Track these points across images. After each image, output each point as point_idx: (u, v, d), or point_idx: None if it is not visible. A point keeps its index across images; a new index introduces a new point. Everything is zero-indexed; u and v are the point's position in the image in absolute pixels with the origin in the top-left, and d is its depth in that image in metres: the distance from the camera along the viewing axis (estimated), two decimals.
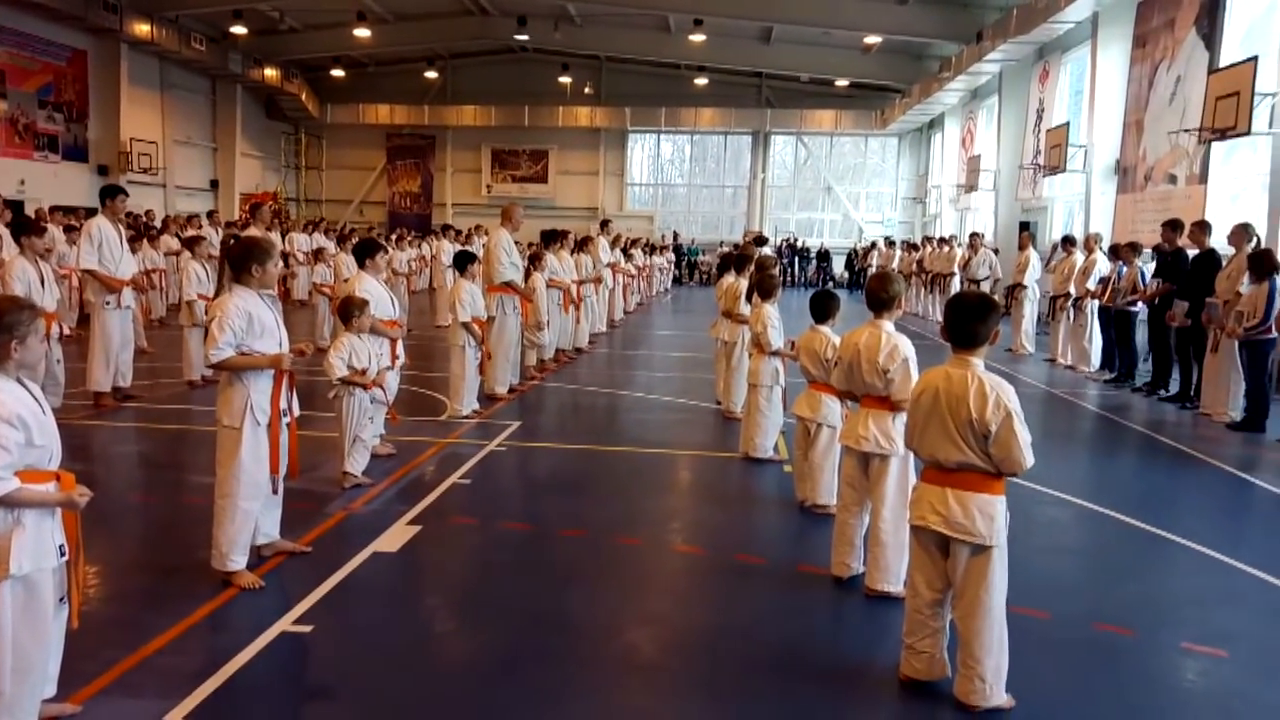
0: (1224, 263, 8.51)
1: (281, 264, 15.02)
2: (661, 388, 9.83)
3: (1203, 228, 8.99)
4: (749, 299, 7.02)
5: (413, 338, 13.00)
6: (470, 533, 4.95)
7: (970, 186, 22.33)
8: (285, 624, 3.65)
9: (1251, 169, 12.00)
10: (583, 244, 13.14)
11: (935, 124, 27.91)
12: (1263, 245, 8.64)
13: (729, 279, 8.27)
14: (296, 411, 4.26)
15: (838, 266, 30.08)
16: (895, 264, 21.60)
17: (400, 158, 32.98)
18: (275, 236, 15.89)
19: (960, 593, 3.17)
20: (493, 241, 8.84)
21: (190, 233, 13.90)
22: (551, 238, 10.73)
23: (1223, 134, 10.83)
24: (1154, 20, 14.39)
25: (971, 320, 3.19)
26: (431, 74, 30.81)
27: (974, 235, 15.60)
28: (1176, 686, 3.46)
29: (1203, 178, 12.60)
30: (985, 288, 14.36)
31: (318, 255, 13.81)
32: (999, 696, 3.14)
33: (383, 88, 31.42)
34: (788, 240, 30.70)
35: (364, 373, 5.52)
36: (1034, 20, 16.46)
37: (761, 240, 25.29)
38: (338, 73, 29.65)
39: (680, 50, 27.11)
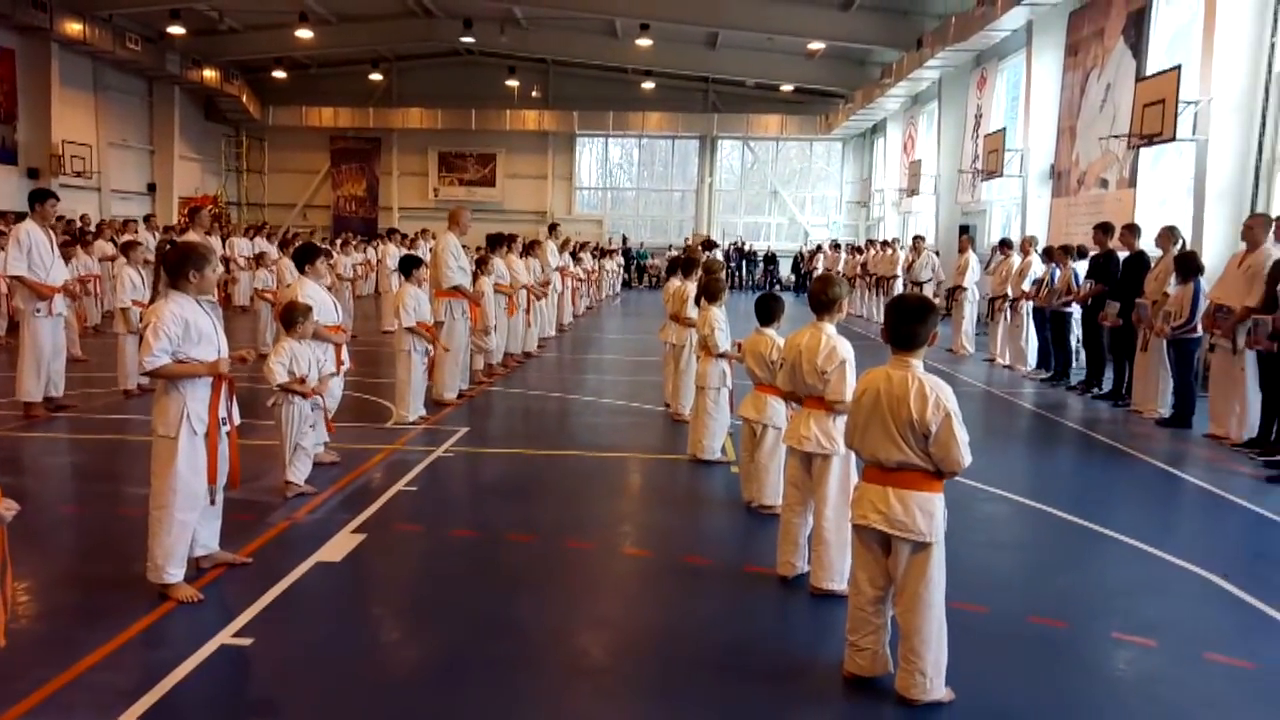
0: (1152, 264, 8.81)
1: (222, 269, 14.73)
2: (610, 391, 9.84)
3: (1132, 230, 9.30)
4: (696, 302, 7.07)
5: (359, 343, 12.84)
6: (416, 540, 4.91)
7: (912, 190, 22.76)
8: (225, 637, 3.58)
9: (1178, 174, 12.43)
10: (530, 248, 13.11)
11: (878, 129, 28.38)
12: (1187, 247, 8.97)
13: (676, 282, 8.32)
14: (237, 420, 4.19)
15: (785, 269, 30.41)
16: (840, 266, 21.93)
17: (345, 161, 32.52)
18: (215, 241, 15.58)
19: (901, 589, 3.23)
20: (440, 245, 8.78)
21: (126, 237, 13.54)
22: (498, 241, 10.69)
23: (1150, 140, 11.21)
24: (1085, 29, 14.84)
25: (911, 322, 3.26)
26: (376, 76, 30.44)
27: (916, 238, 15.91)
28: (1108, 675, 3.57)
29: (1132, 182, 13.02)
30: (928, 290, 14.66)
31: (259, 260, 13.57)
32: (939, 690, 3.21)
33: (326, 90, 30.97)
34: (735, 244, 30.97)
35: (304, 380, 5.44)
36: (971, 28, 16.86)
37: (710, 244, 25.50)
38: (280, 74, 29.15)
39: (627, 55, 27.19)
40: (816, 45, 24.41)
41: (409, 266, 7.68)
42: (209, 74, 26.73)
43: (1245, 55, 10.55)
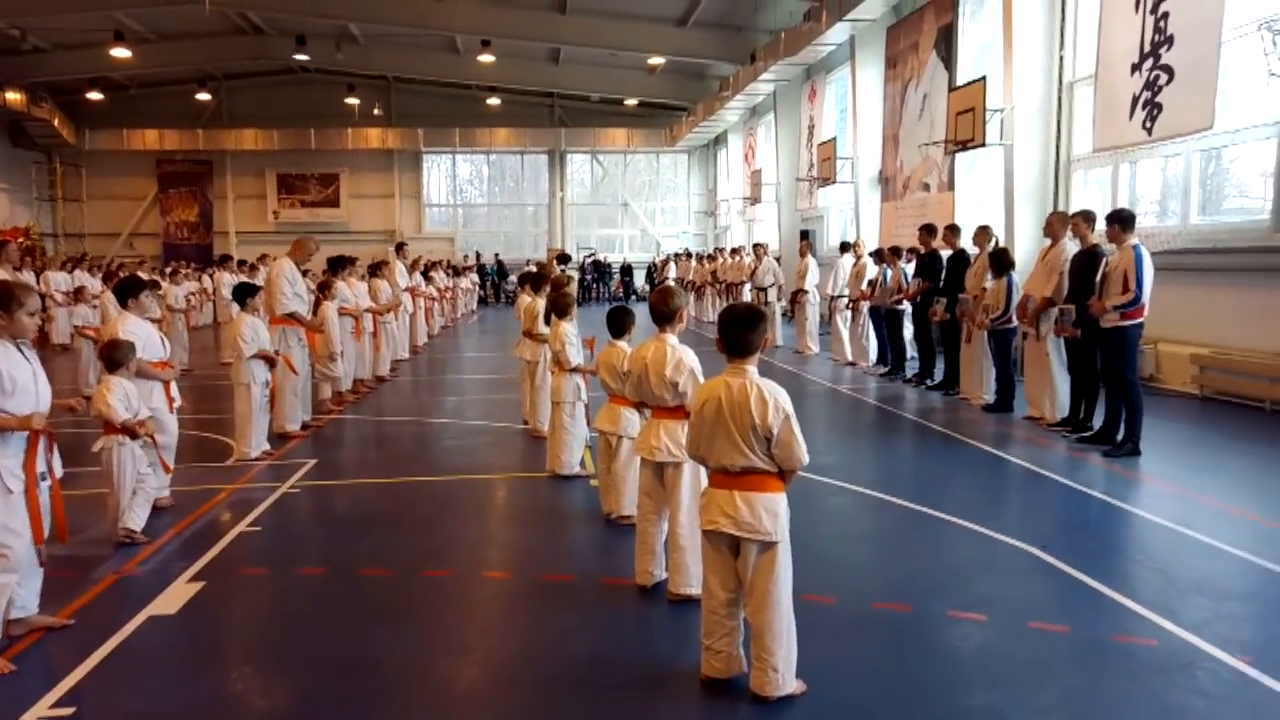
0: (972, 261, 9.46)
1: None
2: (468, 411, 9.70)
3: (953, 231, 9.97)
4: (546, 318, 7.08)
5: (195, 378, 12.16)
6: (261, 583, 4.68)
7: (755, 199, 23.59)
8: (42, 709, 3.30)
9: (990, 176, 13.43)
10: (378, 269, 12.78)
11: (720, 140, 29.26)
12: (1001, 245, 9.69)
13: (527, 298, 8.31)
14: (59, 472, 3.89)
15: (639, 280, 30.85)
16: (691, 275, 22.42)
17: (174, 185, 30.75)
18: (29, 277, 14.39)
19: (751, 589, 3.33)
20: (274, 272, 8.45)
21: None
22: (340, 264, 10.36)
23: (964, 145, 12.07)
24: (901, 43, 15.83)
25: (743, 330, 3.37)
26: (204, 96, 28.97)
27: (757, 246, 16.48)
28: (945, 652, 3.79)
29: (951, 185, 13.97)
30: (772, 294, 15.20)
31: (78, 295, 12.61)
32: (791, 684, 3.32)
33: (150, 111, 29.19)
34: (590, 256, 31.18)
35: (139, 418, 5.11)
36: (800, 43, 17.67)
37: (564, 258, 25.53)
38: (96, 95, 27.22)
39: (470, 71, 26.97)
40: (657, 60, 24.95)
41: (243, 295, 7.34)
42: (13, 96, 24.66)
43: (1040, 67, 11.54)
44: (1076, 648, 3.77)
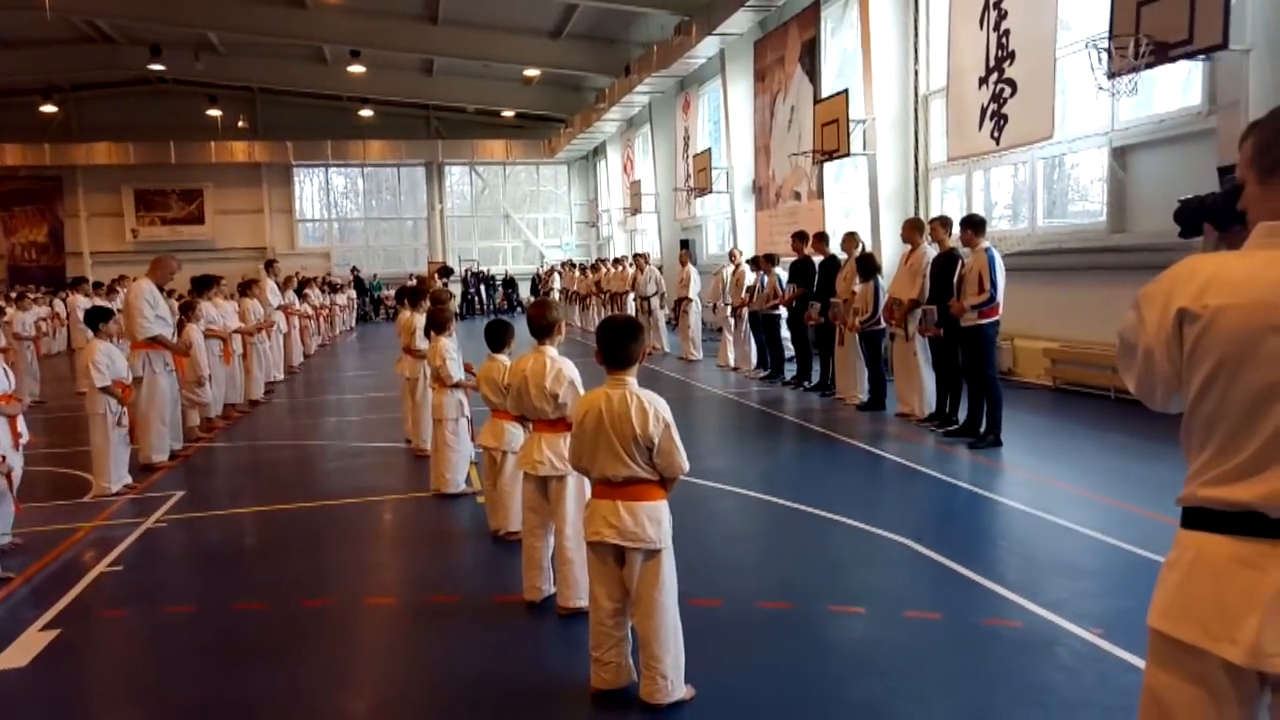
0: (841, 266, 9.83)
1: None
2: (348, 432, 9.42)
3: (821, 239, 10.34)
4: (425, 333, 6.96)
5: (49, 410, 11.40)
6: (124, 626, 4.41)
7: (635, 209, 23.84)
8: None
9: (857, 185, 14.00)
10: (248, 287, 12.27)
11: (599, 151, 29.44)
12: (868, 250, 10.12)
13: (406, 314, 8.15)
14: None
15: (525, 291, 30.68)
16: (575, 285, 22.46)
17: (18, 203, 28.71)
18: None
19: (637, 598, 3.36)
20: (132, 294, 8.00)
21: None
22: (204, 284, 9.90)
23: (830, 155, 12.55)
24: (768, 57, 16.33)
25: (622, 342, 3.40)
26: (50, 108, 27.15)
27: (638, 256, 16.68)
28: (826, 646, 3.92)
29: (820, 194, 14.49)
30: (655, 303, 15.40)
31: None
32: (680, 690, 3.36)
33: None
34: (472, 269, 30.81)
35: None
36: (672, 55, 17.99)
37: (446, 271, 25.09)
38: None
39: (340, 82, 26.25)
40: (532, 72, 24.92)
41: (96, 320, 6.93)
42: None
43: (897, 80, 12.13)
44: (949, 633, 3.96)
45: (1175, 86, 8.90)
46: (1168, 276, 1.80)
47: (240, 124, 29.03)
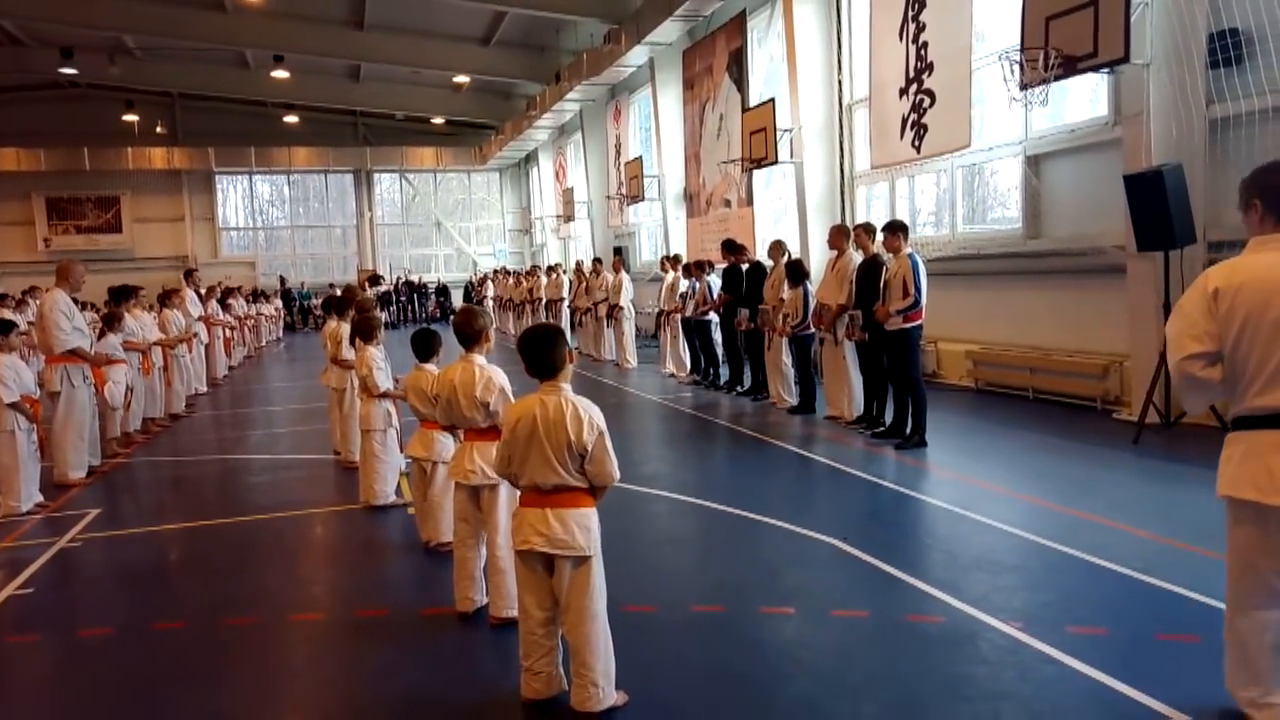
0: (769, 273, 9.98)
1: None
2: (275, 445, 9.20)
3: (738, 248, 10.56)
4: (351, 342, 6.85)
5: None
6: (33, 652, 4.23)
7: (568, 217, 23.81)
8: None
9: (785, 192, 14.22)
10: (167, 298, 11.91)
11: (531, 159, 29.36)
12: (796, 256, 10.29)
13: (332, 323, 8.01)
14: None
15: (458, 300, 30.38)
16: (509, 293, 22.33)
17: None
18: None
19: (567, 605, 3.35)
20: (47, 305, 7.69)
21: None
22: (123, 294, 9.57)
23: (758, 163, 12.73)
24: (697, 66, 16.51)
25: (544, 351, 3.39)
26: None
27: (579, 263, 16.59)
28: (758, 647, 3.96)
29: (750, 201, 14.69)
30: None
31: None
32: (612, 696, 3.36)
33: None
34: (403, 277, 30.39)
35: None
36: (602, 64, 18.05)
37: (376, 279, 24.69)
38: None
39: (264, 87, 25.68)
40: (462, 79, 24.72)
41: None
42: None
43: (821, 90, 12.37)
44: (875, 630, 4.05)
45: (1084, 98, 9.28)
46: (1200, 279, 2.87)
47: (159, 129, 28.16)
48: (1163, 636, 3.77)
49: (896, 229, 7.53)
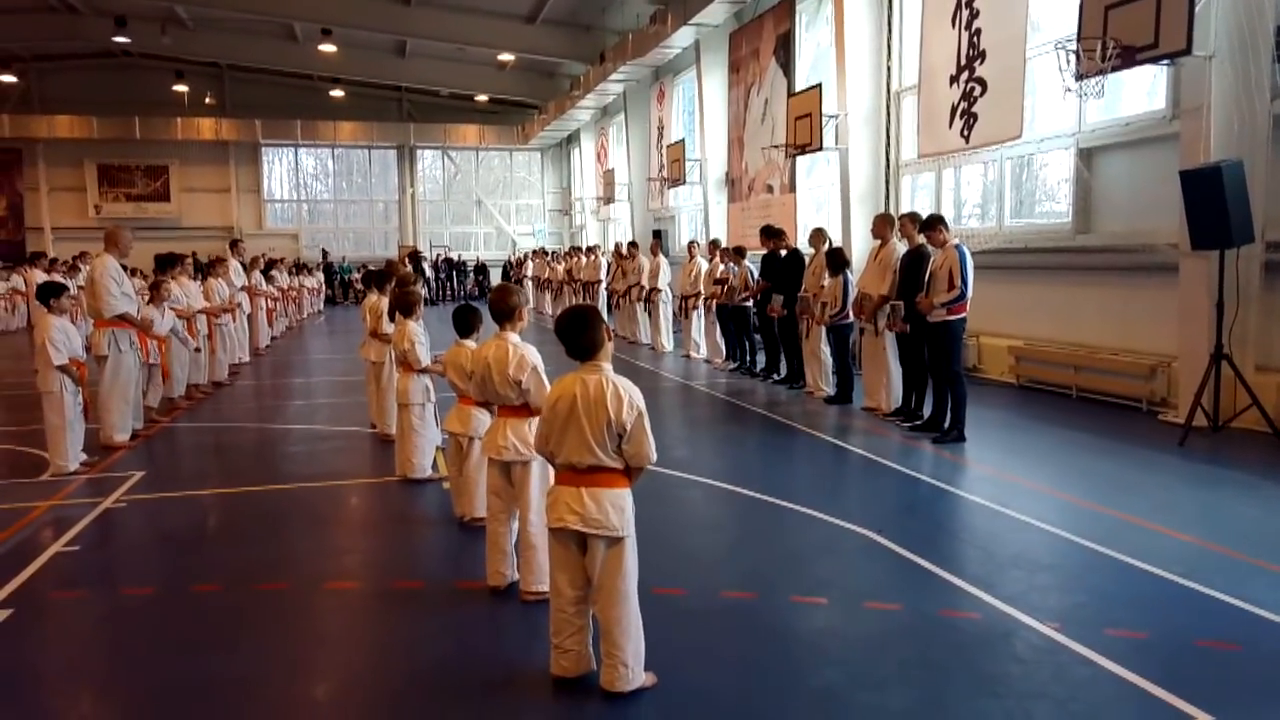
0: (809, 261, 9.88)
1: None
2: (313, 416, 9.32)
3: (777, 234, 10.44)
4: (391, 317, 6.90)
5: (6, 386, 11.19)
6: (78, 608, 4.34)
7: (608, 198, 23.76)
8: None
9: (829, 179, 14.06)
10: (212, 267, 12.09)
11: (573, 139, 29.31)
12: (838, 244, 10.18)
13: (372, 297, 8.07)
14: None
15: (496, 278, 30.51)
16: (547, 274, 22.37)
17: None
18: None
19: (599, 585, 3.36)
20: (97, 270, 7.84)
21: None
22: (169, 263, 9.74)
23: (802, 149, 12.58)
24: (743, 49, 16.33)
25: (580, 333, 3.38)
26: (9, 78, 26.49)
27: (618, 245, 16.57)
28: (789, 635, 3.95)
29: (792, 187, 14.54)
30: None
31: None
32: (640, 678, 3.37)
33: None
34: (443, 255, 30.57)
35: None
36: (647, 45, 17.93)
37: (416, 255, 24.87)
38: None
39: (311, 61, 25.90)
40: (507, 57, 24.72)
41: (48, 295, 6.78)
42: None
43: (869, 76, 12.18)
44: (908, 624, 4.01)
45: (1141, 90, 9.03)
46: None
47: (208, 100, 28.53)
48: (1203, 643, 3.69)
49: (936, 222, 7.41)
